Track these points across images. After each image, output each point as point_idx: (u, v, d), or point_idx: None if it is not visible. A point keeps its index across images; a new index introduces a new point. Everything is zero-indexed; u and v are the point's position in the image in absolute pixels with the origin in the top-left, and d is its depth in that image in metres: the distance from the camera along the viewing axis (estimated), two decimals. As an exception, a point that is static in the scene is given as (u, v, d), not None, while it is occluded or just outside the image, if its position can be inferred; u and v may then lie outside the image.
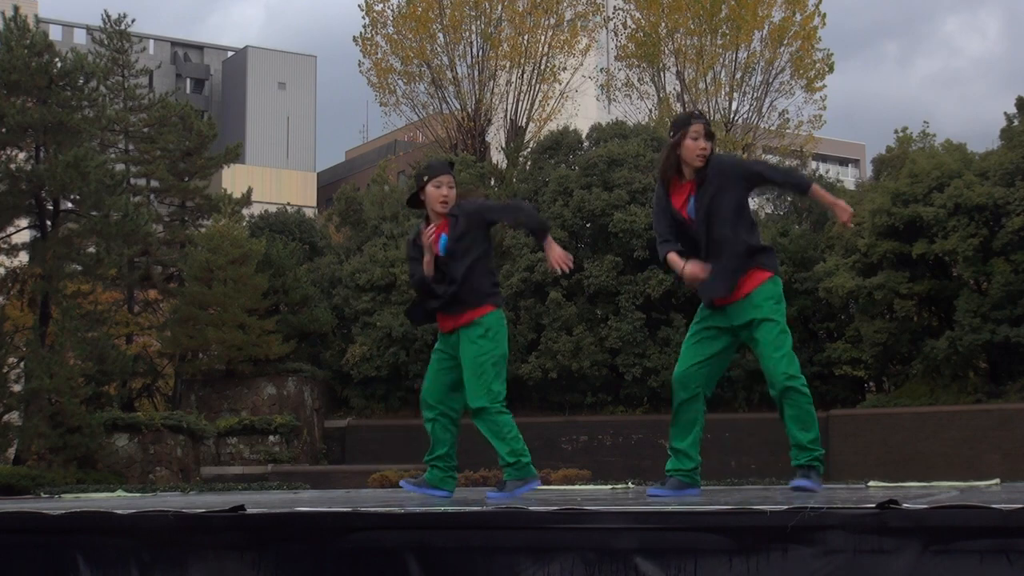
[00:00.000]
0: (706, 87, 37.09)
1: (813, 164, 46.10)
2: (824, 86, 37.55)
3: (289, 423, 28.46)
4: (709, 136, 5.90)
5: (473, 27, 35.71)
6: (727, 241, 5.83)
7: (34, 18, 28.33)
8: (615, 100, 39.39)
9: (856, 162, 68.60)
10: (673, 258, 5.96)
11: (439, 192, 6.13)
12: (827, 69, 37.40)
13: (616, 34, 39.26)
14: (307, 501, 5.82)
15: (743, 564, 3.58)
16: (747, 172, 6.04)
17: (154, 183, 31.79)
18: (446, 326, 6.24)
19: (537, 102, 36.27)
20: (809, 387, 5.98)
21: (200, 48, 68.56)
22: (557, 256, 6.10)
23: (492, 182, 33.01)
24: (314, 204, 56.85)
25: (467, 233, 6.10)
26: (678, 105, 37.54)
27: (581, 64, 36.82)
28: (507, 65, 35.89)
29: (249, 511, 4.20)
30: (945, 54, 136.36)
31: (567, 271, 6.18)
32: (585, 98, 39.28)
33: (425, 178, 6.20)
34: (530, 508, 3.94)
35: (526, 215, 6.41)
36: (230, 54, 66.84)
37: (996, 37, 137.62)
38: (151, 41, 60.48)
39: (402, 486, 6.56)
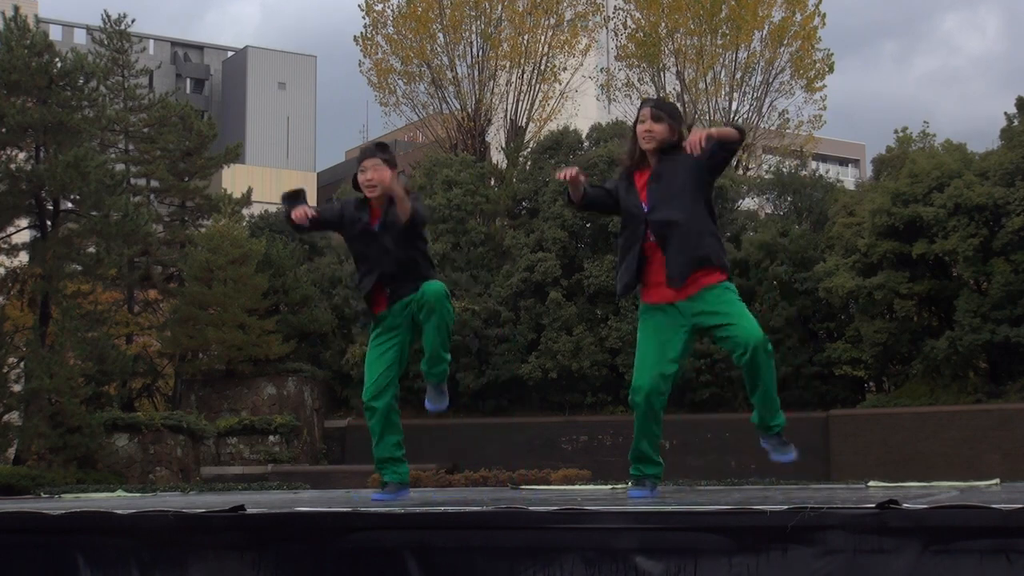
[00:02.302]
0: (706, 87, 37.10)
1: (813, 164, 46.11)
2: (824, 86, 37.61)
3: (289, 423, 28.46)
4: (657, 119, 5.83)
5: (473, 27, 35.72)
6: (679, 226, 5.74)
7: (34, 18, 28.35)
8: (615, 100, 39.40)
9: (856, 162, 68.59)
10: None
11: (363, 176, 6.17)
12: (827, 69, 37.43)
13: (616, 34, 39.27)
14: (307, 501, 5.82)
15: (743, 564, 3.58)
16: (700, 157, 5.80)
17: (154, 183, 31.80)
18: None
19: (537, 102, 36.28)
20: (809, 387, 6.01)
21: (200, 48, 68.57)
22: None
23: (492, 182, 33.02)
24: (314, 204, 56.79)
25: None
26: (678, 105, 37.56)
27: (581, 64, 36.82)
28: (507, 65, 35.89)
29: (249, 511, 4.20)
30: (944, 53, 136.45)
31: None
32: (585, 98, 39.27)
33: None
34: (530, 508, 3.94)
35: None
36: (230, 54, 66.85)
37: (995, 35, 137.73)
38: (151, 41, 60.47)
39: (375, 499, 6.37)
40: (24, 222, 27.66)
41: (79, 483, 21.58)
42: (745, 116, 37.31)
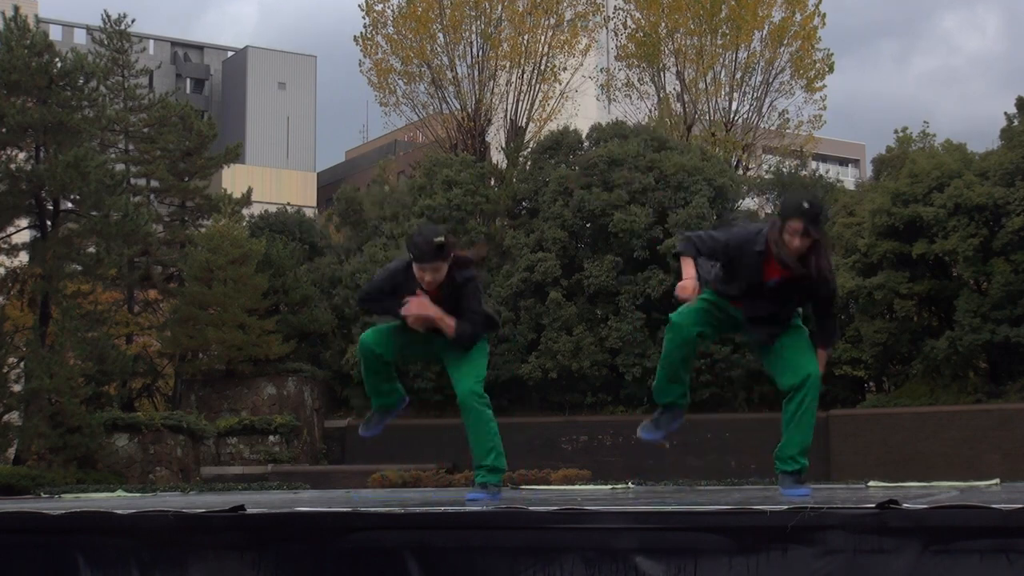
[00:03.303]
0: (706, 87, 37.11)
1: (813, 164, 46.11)
2: (824, 86, 37.61)
3: (289, 423, 28.46)
4: (807, 234, 5.76)
5: (473, 27, 35.71)
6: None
7: (34, 18, 28.37)
8: (615, 100, 39.41)
9: (856, 162, 68.59)
10: (688, 264, 6.03)
11: (422, 275, 5.99)
12: (827, 69, 37.44)
13: (616, 34, 39.27)
14: (307, 501, 5.82)
15: (743, 564, 3.58)
16: (820, 291, 6.06)
17: (154, 183, 31.80)
18: None
19: (537, 102, 36.26)
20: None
21: (200, 48, 68.57)
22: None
23: (492, 182, 33.02)
24: (314, 204, 56.84)
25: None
26: (678, 105, 37.57)
27: (581, 64, 36.81)
28: (507, 65, 35.88)
29: (249, 511, 4.20)
30: (944, 52, 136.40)
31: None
32: (585, 98, 39.26)
33: (411, 256, 6.04)
34: (530, 508, 3.94)
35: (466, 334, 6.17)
36: (230, 54, 66.85)
37: (995, 35, 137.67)
38: (151, 41, 60.46)
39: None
40: (24, 222, 27.66)
41: (79, 483, 21.57)
42: (745, 116, 37.34)
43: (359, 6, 37.03)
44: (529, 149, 34.28)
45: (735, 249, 5.98)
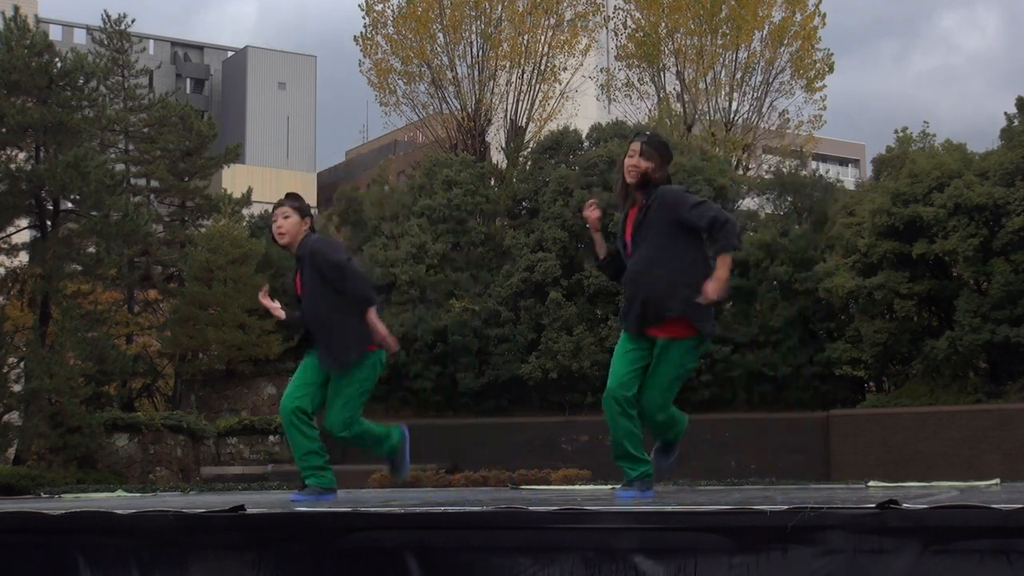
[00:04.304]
0: (706, 87, 37.11)
1: (813, 164, 46.11)
2: (824, 86, 37.62)
3: (289, 423, 28.44)
4: (647, 155, 5.79)
5: (473, 27, 35.72)
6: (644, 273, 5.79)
7: (34, 18, 28.36)
8: (615, 100, 39.41)
9: (856, 162, 68.60)
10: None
11: (274, 224, 6.54)
12: (827, 69, 37.45)
13: (616, 34, 39.28)
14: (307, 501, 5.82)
15: (743, 564, 3.58)
16: (680, 213, 5.76)
17: (154, 183, 31.80)
18: None
19: (537, 102, 36.28)
20: (809, 387, 6.07)
21: (200, 48, 68.58)
22: (381, 334, 6.31)
23: (492, 182, 33.02)
24: (314, 204, 56.83)
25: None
26: (678, 105, 37.56)
27: (581, 64, 36.82)
28: (507, 65, 35.90)
29: (249, 511, 4.20)
30: (943, 51, 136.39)
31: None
32: (585, 98, 39.27)
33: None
34: (530, 508, 3.94)
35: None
36: (230, 54, 66.86)
37: (995, 34, 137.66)
38: (151, 41, 60.47)
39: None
40: (24, 222, 27.65)
41: (79, 483, 21.57)
42: (745, 116, 37.34)
43: (359, 6, 37.07)
44: (529, 149, 34.30)
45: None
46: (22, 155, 26.09)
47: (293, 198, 6.49)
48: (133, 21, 32.00)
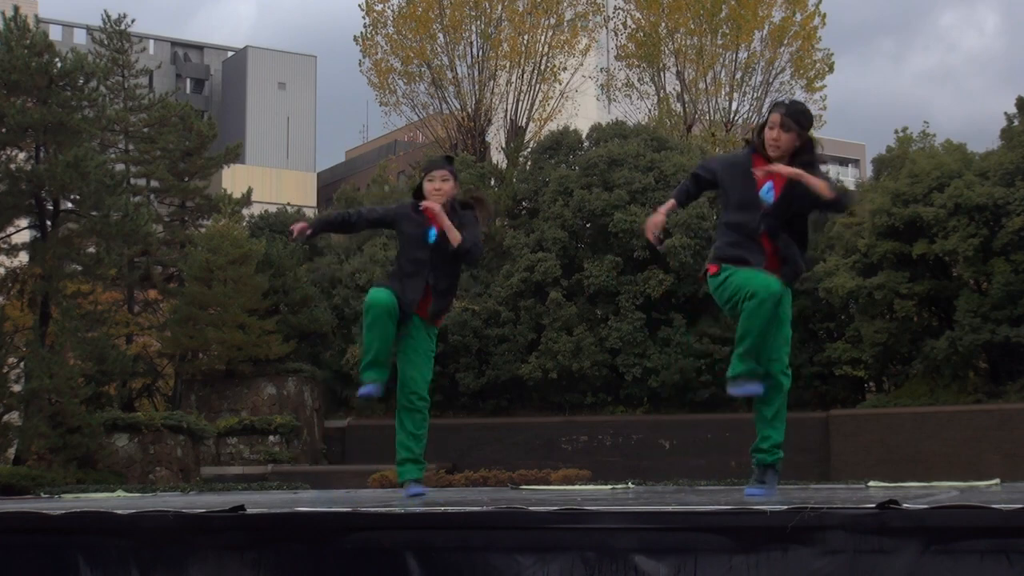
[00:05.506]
0: (706, 87, 37.12)
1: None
2: (824, 86, 37.64)
3: (289, 423, 28.45)
4: (786, 127, 5.70)
5: (473, 27, 35.72)
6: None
7: (34, 18, 28.35)
8: (615, 100, 39.42)
9: (856, 162, 68.62)
10: (671, 204, 6.14)
11: (431, 185, 6.72)
12: (827, 69, 37.47)
13: (616, 34, 39.29)
14: (307, 501, 5.82)
15: (743, 564, 3.58)
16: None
17: (154, 183, 31.79)
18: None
19: (537, 102, 36.28)
20: (809, 387, 6.05)
21: (200, 48, 68.56)
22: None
23: (492, 182, 33.00)
24: (314, 204, 56.84)
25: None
26: (678, 105, 37.57)
27: (581, 64, 36.83)
28: (507, 65, 35.90)
29: (249, 511, 4.20)
30: (942, 50, 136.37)
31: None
32: (585, 98, 39.27)
33: (422, 174, 6.82)
34: (530, 508, 3.94)
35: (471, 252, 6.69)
36: (230, 54, 66.84)
37: (994, 32, 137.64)
38: (151, 41, 60.46)
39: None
40: (24, 222, 27.63)
41: (79, 483, 21.57)
42: (745, 116, 37.35)
43: (359, 6, 37.07)
44: (529, 149, 34.30)
45: (722, 163, 6.09)
46: (22, 155, 26.07)
47: (451, 162, 6.91)
48: (133, 21, 32.01)
